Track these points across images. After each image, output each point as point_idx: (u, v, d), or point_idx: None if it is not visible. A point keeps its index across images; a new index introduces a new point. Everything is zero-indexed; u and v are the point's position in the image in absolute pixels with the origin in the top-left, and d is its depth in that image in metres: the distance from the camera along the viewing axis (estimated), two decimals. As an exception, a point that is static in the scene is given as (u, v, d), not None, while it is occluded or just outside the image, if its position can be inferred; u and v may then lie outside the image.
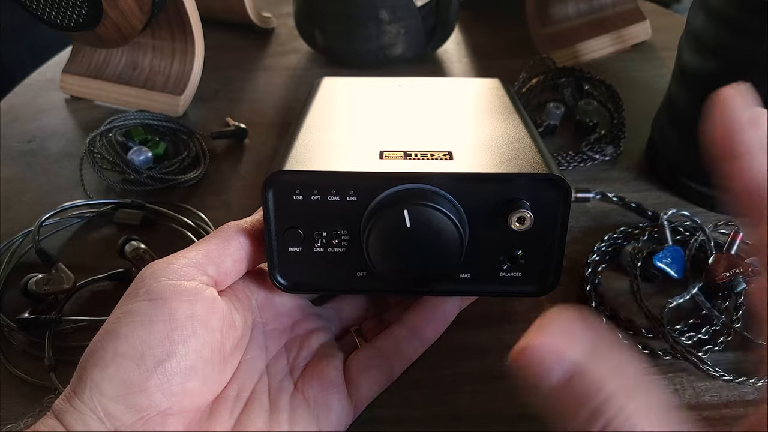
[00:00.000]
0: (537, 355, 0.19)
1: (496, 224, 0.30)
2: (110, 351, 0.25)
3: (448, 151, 0.31)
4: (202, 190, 0.52)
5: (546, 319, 0.19)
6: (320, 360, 0.32)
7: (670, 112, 0.49)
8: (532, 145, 0.32)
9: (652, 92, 0.60)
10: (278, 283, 0.31)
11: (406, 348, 0.33)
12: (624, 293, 0.41)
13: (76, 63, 0.63)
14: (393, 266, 0.29)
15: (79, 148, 0.56)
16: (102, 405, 0.25)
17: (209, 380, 0.28)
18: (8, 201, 0.51)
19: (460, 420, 0.34)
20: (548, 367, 0.18)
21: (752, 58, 0.40)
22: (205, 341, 0.27)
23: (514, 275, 0.31)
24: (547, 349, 0.18)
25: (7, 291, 0.42)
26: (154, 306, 0.26)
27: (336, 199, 0.29)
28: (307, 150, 0.31)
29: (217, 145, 0.57)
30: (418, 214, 0.28)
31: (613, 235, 0.44)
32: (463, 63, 0.71)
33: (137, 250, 0.42)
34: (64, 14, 0.51)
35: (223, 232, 0.30)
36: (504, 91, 0.43)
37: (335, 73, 0.50)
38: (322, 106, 0.39)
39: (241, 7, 0.72)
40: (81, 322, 0.39)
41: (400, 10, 0.63)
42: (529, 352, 0.19)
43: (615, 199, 0.48)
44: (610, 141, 0.54)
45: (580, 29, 0.69)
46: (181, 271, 0.28)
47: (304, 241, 0.30)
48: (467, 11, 0.80)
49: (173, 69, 0.60)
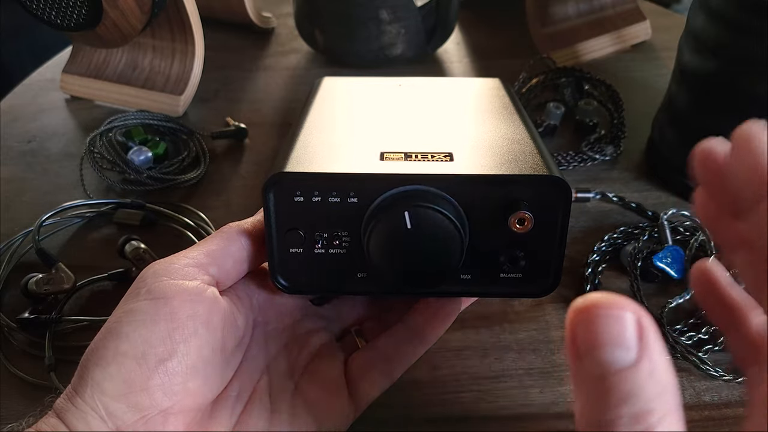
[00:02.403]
0: (613, 323, 0.16)
1: (497, 225, 0.30)
2: (111, 350, 0.25)
3: (449, 153, 0.31)
4: (202, 190, 0.52)
5: (621, 298, 0.17)
6: (321, 360, 0.32)
7: (670, 112, 0.49)
8: (532, 146, 0.32)
9: (652, 92, 0.61)
10: (279, 284, 0.31)
11: (406, 349, 0.33)
12: (624, 293, 0.40)
13: (76, 63, 0.63)
14: (393, 267, 0.29)
15: (79, 148, 0.56)
16: (103, 404, 0.25)
17: (210, 380, 0.28)
18: (8, 201, 0.51)
19: (461, 420, 0.34)
20: (619, 341, 0.16)
21: (752, 58, 0.40)
22: (206, 341, 0.27)
23: (514, 276, 0.31)
24: (630, 322, 0.16)
25: (7, 291, 0.42)
26: (156, 305, 0.26)
27: (337, 200, 0.29)
28: (308, 151, 0.31)
29: (217, 145, 0.57)
30: (418, 216, 0.28)
31: (613, 235, 0.44)
32: (463, 63, 0.71)
33: (137, 250, 0.42)
34: (64, 14, 0.51)
35: (224, 232, 0.30)
36: (504, 91, 0.43)
37: (335, 73, 0.50)
38: (323, 107, 0.39)
39: (241, 7, 0.72)
40: (81, 321, 0.39)
41: (400, 10, 0.63)
42: (605, 316, 0.16)
43: (615, 199, 0.48)
44: (610, 141, 0.55)
45: (580, 29, 0.69)
46: (183, 270, 0.28)
47: (305, 242, 0.30)
48: (467, 11, 0.80)
49: (173, 69, 0.60)
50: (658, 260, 0.41)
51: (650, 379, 0.16)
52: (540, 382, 0.35)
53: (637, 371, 0.16)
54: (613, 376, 0.16)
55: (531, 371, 0.36)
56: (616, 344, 0.16)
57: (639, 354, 0.16)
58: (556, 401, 0.34)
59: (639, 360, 0.16)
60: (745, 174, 0.19)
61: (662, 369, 0.16)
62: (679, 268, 0.41)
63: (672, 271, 0.41)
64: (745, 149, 0.19)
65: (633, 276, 0.41)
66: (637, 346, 0.16)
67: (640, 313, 0.17)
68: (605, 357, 0.16)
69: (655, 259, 0.41)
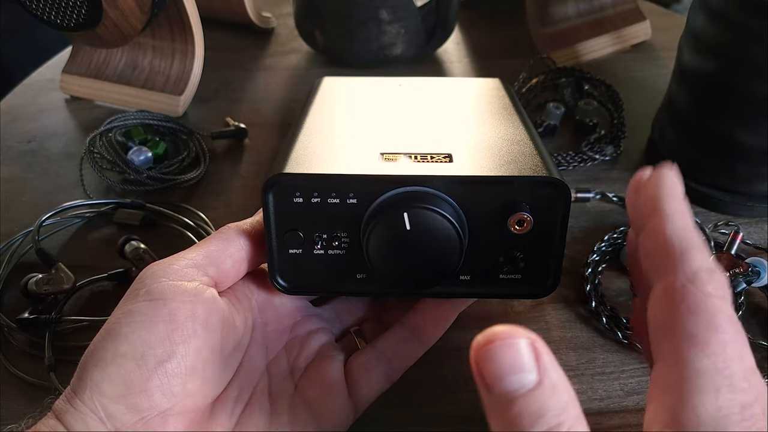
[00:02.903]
0: (509, 352, 0.18)
1: (496, 227, 0.30)
2: (111, 351, 0.25)
3: (448, 154, 0.31)
4: (202, 190, 0.52)
5: (512, 327, 0.19)
6: (321, 361, 0.32)
7: (670, 112, 0.49)
8: (531, 147, 0.32)
9: (652, 92, 0.61)
10: (278, 284, 0.31)
11: (406, 349, 0.33)
12: (624, 293, 0.41)
13: (76, 63, 0.63)
14: (393, 268, 0.29)
15: (79, 148, 0.56)
16: (102, 405, 0.25)
17: (210, 381, 0.28)
18: (8, 201, 0.51)
19: (461, 420, 0.34)
20: (517, 367, 0.18)
21: (752, 58, 0.40)
22: (205, 342, 0.27)
23: (513, 277, 0.31)
24: (524, 347, 0.18)
25: (7, 291, 0.42)
26: (155, 306, 0.26)
27: (336, 201, 0.29)
28: (308, 152, 0.31)
29: (217, 145, 0.57)
30: (417, 217, 0.28)
31: (613, 235, 0.44)
32: (463, 63, 0.71)
33: (137, 250, 0.42)
34: (64, 14, 0.51)
35: (223, 233, 0.30)
36: (504, 91, 0.43)
37: (335, 73, 0.50)
38: (323, 107, 0.39)
39: (241, 7, 0.72)
40: (81, 322, 0.39)
41: (400, 10, 0.63)
42: (501, 346, 0.18)
43: (615, 199, 0.48)
44: (610, 141, 0.54)
45: (580, 29, 0.69)
46: (182, 271, 0.28)
47: (304, 243, 0.30)
48: (467, 11, 0.80)
49: (173, 69, 0.60)
50: (657, 260, 0.41)
51: (554, 395, 0.18)
52: (539, 383, 0.35)
53: (541, 390, 0.18)
54: (521, 400, 0.17)
55: (530, 372, 0.36)
56: (517, 370, 0.18)
57: (539, 375, 0.18)
58: (556, 402, 0.34)
59: (540, 380, 0.18)
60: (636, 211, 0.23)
61: (562, 384, 0.18)
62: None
63: (672, 272, 0.40)
64: (633, 191, 0.23)
65: (633, 276, 0.41)
66: (536, 368, 0.18)
67: (532, 337, 0.18)
68: (510, 384, 0.18)
69: (655, 260, 0.41)
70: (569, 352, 0.37)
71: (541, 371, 0.18)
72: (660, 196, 0.22)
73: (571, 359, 0.36)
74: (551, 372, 0.18)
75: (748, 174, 0.45)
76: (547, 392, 0.18)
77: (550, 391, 0.18)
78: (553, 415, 0.17)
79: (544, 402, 0.17)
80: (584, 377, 0.35)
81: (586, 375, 0.35)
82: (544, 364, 0.18)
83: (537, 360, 0.18)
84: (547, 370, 0.18)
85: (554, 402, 0.18)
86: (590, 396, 0.34)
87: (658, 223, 0.21)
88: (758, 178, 0.44)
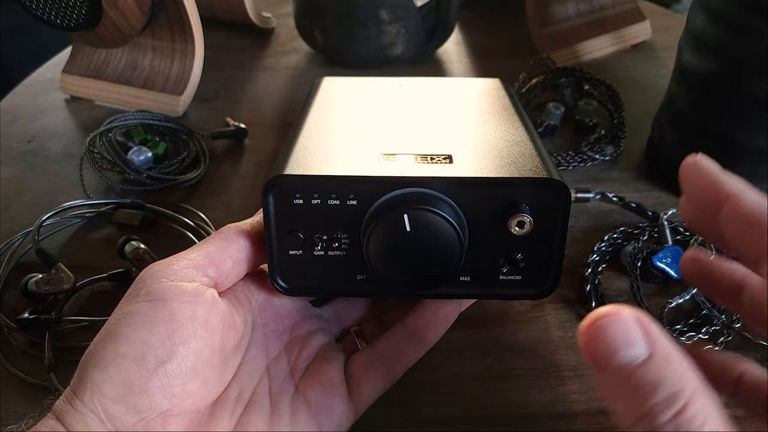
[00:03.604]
0: (617, 328, 0.18)
1: (496, 228, 0.30)
2: (111, 352, 0.25)
3: (448, 155, 0.31)
4: (202, 190, 0.52)
5: (616, 305, 0.19)
6: (321, 362, 0.32)
7: (670, 112, 0.49)
8: (532, 148, 0.32)
9: (652, 92, 0.61)
10: (279, 286, 0.31)
11: (406, 350, 0.33)
12: (624, 293, 0.41)
13: (76, 63, 0.63)
14: (393, 269, 0.29)
15: (79, 148, 0.56)
16: (102, 406, 0.25)
17: (210, 381, 0.28)
18: (8, 201, 0.51)
19: (461, 420, 0.34)
20: (628, 341, 0.18)
21: (752, 58, 0.40)
22: (205, 342, 0.27)
23: (513, 278, 0.31)
24: (631, 321, 0.18)
25: (7, 291, 0.42)
26: (155, 307, 0.26)
27: (336, 202, 0.29)
28: (308, 153, 0.31)
29: (217, 145, 0.57)
30: (417, 218, 0.28)
31: (613, 235, 0.44)
32: (463, 63, 0.71)
33: (137, 250, 0.42)
34: (64, 14, 0.51)
35: (223, 233, 0.30)
36: (504, 91, 0.43)
37: (335, 73, 0.50)
38: (323, 107, 0.39)
39: (241, 7, 0.72)
40: (81, 322, 0.39)
41: (400, 10, 0.63)
42: (608, 324, 0.18)
43: (615, 199, 0.48)
44: (610, 141, 0.54)
45: (580, 29, 0.69)
46: (182, 272, 0.28)
47: (305, 244, 0.30)
48: (467, 11, 0.80)
49: (173, 69, 0.60)
50: (658, 260, 0.41)
51: (668, 365, 0.18)
52: (540, 383, 0.35)
53: (654, 361, 0.18)
54: (636, 373, 0.18)
55: (531, 372, 0.36)
56: (628, 345, 0.18)
57: (650, 347, 0.18)
58: (556, 402, 0.34)
59: (652, 352, 0.18)
60: (701, 194, 0.23)
61: (676, 354, 0.18)
62: (678, 269, 0.41)
63: (672, 271, 0.41)
64: (693, 175, 0.24)
65: (633, 276, 0.41)
66: (645, 340, 0.18)
67: (636, 312, 0.18)
68: (622, 360, 0.18)
69: (655, 259, 0.41)
70: (569, 352, 0.37)
71: (651, 343, 0.18)
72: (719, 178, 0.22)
73: (571, 359, 0.36)
74: (662, 342, 0.18)
75: (748, 174, 0.44)
76: (661, 362, 0.18)
77: (664, 361, 0.18)
78: (672, 383, 0.17)
79: (659, 371, 0.17)
80: (584, 377, 0.35)
81: (586, 375, 0.35)
82: (654, 336, 0.18)
83: (646, 333, 0.18)
84: (657, 341, 0.18)
85: (670, 371, 0.18)
86: (590, 396, 0.34)
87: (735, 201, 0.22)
88: (758, 178, 0.44)
